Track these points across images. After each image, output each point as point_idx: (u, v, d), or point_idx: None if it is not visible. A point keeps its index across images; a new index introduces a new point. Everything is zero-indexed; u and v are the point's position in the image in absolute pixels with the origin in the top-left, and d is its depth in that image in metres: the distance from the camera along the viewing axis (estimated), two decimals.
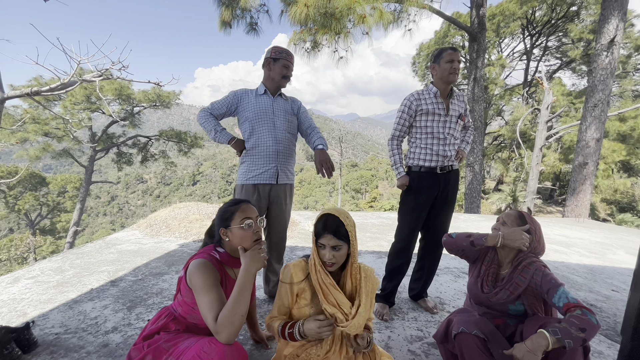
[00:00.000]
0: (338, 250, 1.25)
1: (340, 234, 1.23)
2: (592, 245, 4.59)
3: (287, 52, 2.05)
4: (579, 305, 1.18)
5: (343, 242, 1.24)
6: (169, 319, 1.29)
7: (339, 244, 1.24)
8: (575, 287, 2.86)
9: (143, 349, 1.21)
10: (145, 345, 1.22)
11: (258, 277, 2.65)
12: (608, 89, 7.29)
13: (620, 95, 16.81)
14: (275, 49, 2.04)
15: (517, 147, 19.61)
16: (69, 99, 13.84)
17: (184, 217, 4.77)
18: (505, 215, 1.49)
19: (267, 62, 2.06)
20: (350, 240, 1.26)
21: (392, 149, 2.16)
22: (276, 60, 2.02)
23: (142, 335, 1.27)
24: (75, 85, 4.12)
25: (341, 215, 1.26)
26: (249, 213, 1.32)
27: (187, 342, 1.16)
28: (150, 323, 1.32)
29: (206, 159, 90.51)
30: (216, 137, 1.99)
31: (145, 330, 1.29)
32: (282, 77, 2.04)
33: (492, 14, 17.87)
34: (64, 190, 22.97)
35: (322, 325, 1.23)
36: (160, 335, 1.24)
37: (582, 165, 7.71)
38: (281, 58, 2.02)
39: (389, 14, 7.40)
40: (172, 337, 1.21)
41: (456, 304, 2.38)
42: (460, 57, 1.99)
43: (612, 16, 6.93)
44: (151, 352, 1.18)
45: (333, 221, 1.25)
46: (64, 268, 2.93)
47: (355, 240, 1.29)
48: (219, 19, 8.38)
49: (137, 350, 1.22)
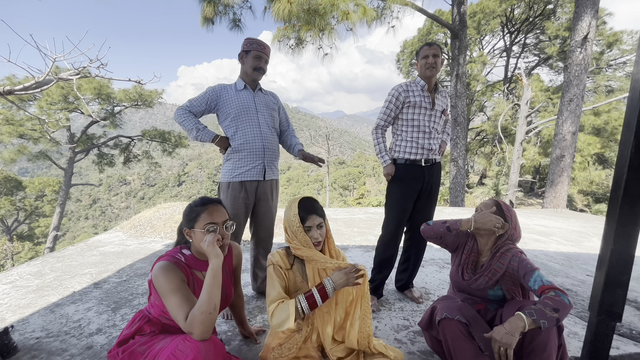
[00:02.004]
0: (321, 228, 1.36)
1: (320, 211, 1.36)
2: (569, 234, 4.80)
3: (259, 43, 1.97)
4: (553, 287, 1.24)
5: (323, 218, 1.37)
6: (143, 321, 1.27)
7: (321, 221, 1.36)
8: (552, 273, 2.99)
9: (117, 355, 1.18)
10: (119, 351, 1.19)
11: (248, 275, 2.65)
12: (582, 84, 7.59)
13: (595, 91, 17.54)
14: (247, 40, 1.97)
15: (499, 142, 20.16)
16: (45, 99, 13.29)
17: (170, 217, 4.69)
18: (483, 204, 1.55)
19: (240, 55, 2.00)
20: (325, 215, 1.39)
21: (376, 137, 2.17)
22: (248, 53, 1.95)
23: (117, 341, 1.25)
24: (51, 84, 3.98)
25: (311, 196, 1.40)
26: (214, 217, 1.26)
27: (162, 343, 1.14)
28: (125, 328, 1.29)
29: (191, 159, 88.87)
30: (198, 136, 1.92)
31: (120, 336, 1.26)
32: (254, 69, 1.97)
33: (472, 12, 18.23)
34: (42, 194, 22.09)
35: (349, 271, 1.28)
36: (135, 339, 1.22)
37: (559, 158, 8.01)
38: (252, 49, 1.95)
39: (372, 10, 7.46)
40: (147, 340, 1.19)
41: (441, 293, 2.45)
42: (438, 52, 1.98)
43: (585, 14, 7.20)
44: (126, 357, 1.16)
45: (310, 203, 1.36)
46: (44, 272, 2.84)
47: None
48: (201, 15, 8.22)
49: (111, 357, 1.20)
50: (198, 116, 1.97)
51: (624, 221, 0.91)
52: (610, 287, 0.97)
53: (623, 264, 0.94)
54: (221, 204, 1.33)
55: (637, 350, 1.77)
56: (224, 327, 1.88)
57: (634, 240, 0.93)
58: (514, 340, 1.13)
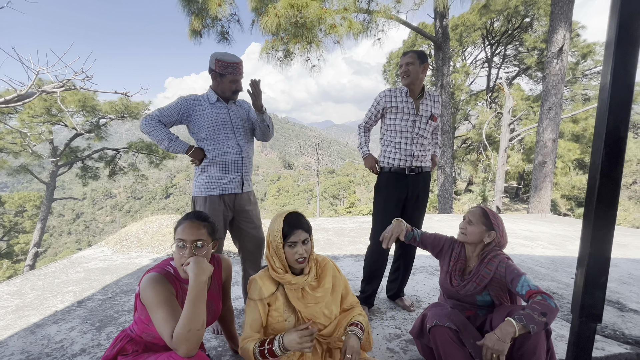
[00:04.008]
0: (307, 244, 1.30)
1: (306, 226, 1.31)
2: (554, 238, 4.92)
3: (234, 67, 1.84)
4: (539, 291, 1.28)
5: (309, 234, 1.32)
6: (125, 341, 1.23)
7: (307, 237, 1.30)
8: (539, 277, 3.06)
9: None
10: None
11: (239, 288, 2.61)
12: (560, 93, 7.92)
13: (572, 99, 18.32)
14: (220, 62, 1.83)
15: (484, 149, 20.69)
16: (27, 112, 12.96)
17: (157, 230, 4.59)
18: (470, 213, 1.57)
19: (212, 74, 1.89)
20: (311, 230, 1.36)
21: (359, 132, 2.30)
22: (222, 76, 1.86)
23: None
24: (33, 97, 3.91)
25: (297, 210, 1.36)
26: (186, 235, 1.21)
27: None
28: (107, 349, 1.25)
29: (179, 171, 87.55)
30: (170, 147, 1.81)
31: (102, 358, 1.22)
32: (233, 92, 1.91)
33: (454, 25, 18.93)
34: (22, 209, 21.29)
35: (303, 335, 1.18)
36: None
37: (541, 164, 8.27)
38: (227, 74, 1.84)
39: (358, 24, 7.66)
40: None
41: (432, 300, 2.47)
42: (414, 59, 2.03)
43: (559, 27, 7.58)
44: None
45: (296, 217, 1.31)
46: (24, 291, 2.73)
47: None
48: (189, 28, 8.27)
49: None
50: (168, 126, 1.86)
51: (599, 225, 0.96)
52: (590, 289, 1.01)
53: (600, 266, 0.98)
54: (204, 222, 1.27)
55: (622, 350, 1.82)
56: (214, 342, 1.84)
57: (609, 243, 0.97)
58: (506, 347, 1.15)
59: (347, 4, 7.73)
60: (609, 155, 0.91)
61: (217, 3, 7.79)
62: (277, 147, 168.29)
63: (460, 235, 1.57)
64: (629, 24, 0.91)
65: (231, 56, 1.86)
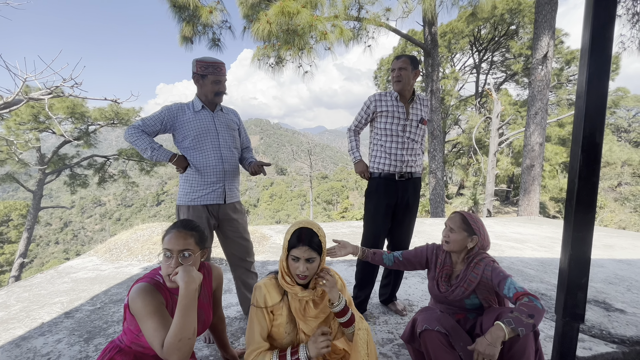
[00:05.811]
0: (311, 263, 1.25)
1: (315, 245, 1.26)
2: (543, 240, 5.01)
3: (215, 66, 1.82)
4: (526, 293, 1.30)
5: (316, 253, 1.26)
6: (114, 352, 1.21)
7: (313, 256, 1.25)
8: (528, 279, 3.11)
9: None
10: None
11: (230, 295, 2.59)
12: (545, 99, 8.13)
13: (558, 104, 18.80)
14: (200, 63, 1.81)
15: (474, 154, 21.01)
16: (14, 119, 12.70)
17: (148, 238, 4.53)
18: (450, 220, 1.57)
19: (195, 77, 1.87)
20: (323, 251, 1.30)
21: (349, 136, 2.30)
22: (204, 77, 1.82)
23: None
24: (20, 104, 3.85)
25: (314, 226, 1.30)
26: (172, 244, 1.20)
27: None
28: None
29: (170, 177, 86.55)
30: (153, 156, 1.80)
31: None
32: (215, 94, 1.87)
33: (443, 32, 19.32)
34: (8, 219, 20.76)
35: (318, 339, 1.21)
36: None
37: (529, 167, 8.44)
38: (209, 74, 1.81)
39: (348, 31, 7.77)
40: None
41: (424, 304, 2.49)
42: (406, 64, 2.03)
43: (543, 35, 7.81)
44: None
45: (307, 232, 1.27)
46: (9, 303, 2.65)
47: (325, 251, 1.32)
48: (180, 35, 8.27)
49: None
50: (152, 136, 1.85)
51: (579, 228, 0.99)
52: (571, 290, 1.04)
53: (581, 267, 1.01)
54: (191, 231, 1.26)
55: (608, 349, 1.86)
56: (206, 351, 1.83)
57: (589, 245, 1.01)
58: (497, 351, 1.17)
59: (338, 11, 7.85)
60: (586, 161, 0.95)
61: (208, 10, 7.83)
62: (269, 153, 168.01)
63: (444, 245, 1.58)
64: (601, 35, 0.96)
65: (212, 57, 1.86)
